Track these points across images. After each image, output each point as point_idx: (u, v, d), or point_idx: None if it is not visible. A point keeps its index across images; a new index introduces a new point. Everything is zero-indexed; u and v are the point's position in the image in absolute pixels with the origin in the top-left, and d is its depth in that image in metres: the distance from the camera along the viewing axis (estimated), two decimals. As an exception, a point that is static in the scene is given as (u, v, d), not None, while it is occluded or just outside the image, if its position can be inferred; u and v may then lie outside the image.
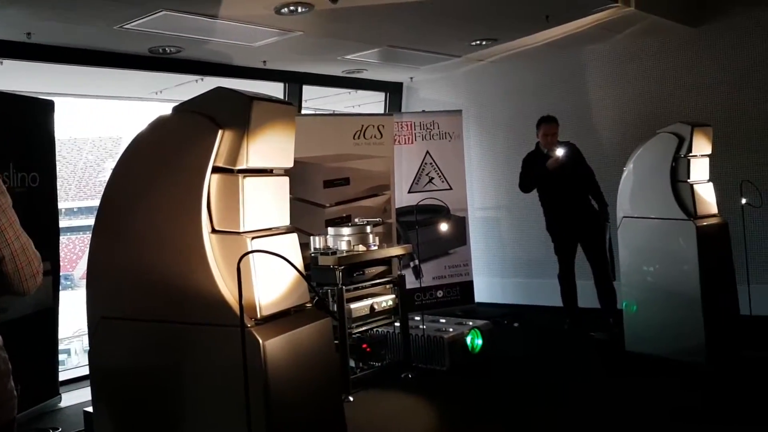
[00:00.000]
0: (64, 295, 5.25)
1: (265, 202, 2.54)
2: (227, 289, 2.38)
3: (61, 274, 5.14)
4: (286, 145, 2.61)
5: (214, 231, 2.47)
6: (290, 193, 2.73)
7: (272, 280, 2.46)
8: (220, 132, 2.45)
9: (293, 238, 2.66)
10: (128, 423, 2.60)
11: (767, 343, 5.16)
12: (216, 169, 2.48)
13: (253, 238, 2.45)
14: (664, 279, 5.05)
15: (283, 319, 2.51)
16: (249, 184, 2.46)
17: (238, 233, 2.45)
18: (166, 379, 2.51)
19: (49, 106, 4.86)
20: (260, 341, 2.31)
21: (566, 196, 5.91)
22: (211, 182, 2.46)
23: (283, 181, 2.65)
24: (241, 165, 2.46)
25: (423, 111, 7.57)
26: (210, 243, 2.43)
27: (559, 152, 5.75)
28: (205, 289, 2.41)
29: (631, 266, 5.27)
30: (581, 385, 4.87)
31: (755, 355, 4.96)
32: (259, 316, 2.40)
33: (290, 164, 2.66)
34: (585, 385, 4.85)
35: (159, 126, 2.70)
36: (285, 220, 2.67)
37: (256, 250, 2.28)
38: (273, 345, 2.34)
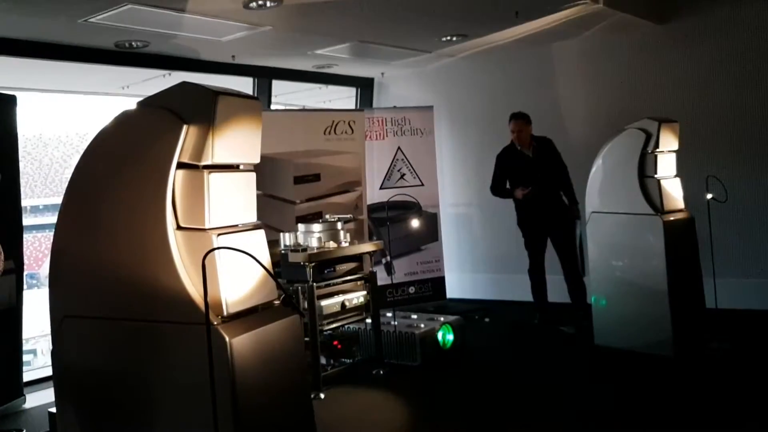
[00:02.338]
0: (30, 294, 5.14)
1: (231, 198, 2.51)
2: (193, 287, 2.35)
3: (26, 273, 5.03)
4: (252, 141, 2.57)
5: (179, 228, 2.43)
6: (260, 189, 2.70)
7: (239, 278, 2.43)
8: (185, 127, 2.41)
9: (260, 234, 2.63)
10: (93, 424, 2.55)
11: (732, 335, 5.26)
12: (181, 165, 2.44)
13: (218, 234, 2.42)
14: (632, 273, 5.12)
15: (250, 316, 2.48)
16: (214, 179, 2.43)
17: (204, 230, 2.41)
18: (131, 378, 2.46)
19: (11, 100, 4.75)
20: (227, 339, 2.28)
21: (538, 192, 5.95)
22: (176, 178, 2.42)
23: (249, 177, 2.62)
24: (207, 160, 2.43)
25: (394, 107, 7.55)
26: (175, 240, 2.39)
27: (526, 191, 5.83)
28: (170, 286, 2.37)
29: (599, 261, 5.32)
30: (551, 378, 4.91)
31: (720, 347, 5.05)
32: (225, 313, 2.37)
33: (257, 160, 2.63)
34: (555, 379, 4.89)
35: (123, 121, 2.65)
36: (252, 217, 2.64)
37: (222, 247, 2.25)
38: (240, 343, 2.31)
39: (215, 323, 2.29)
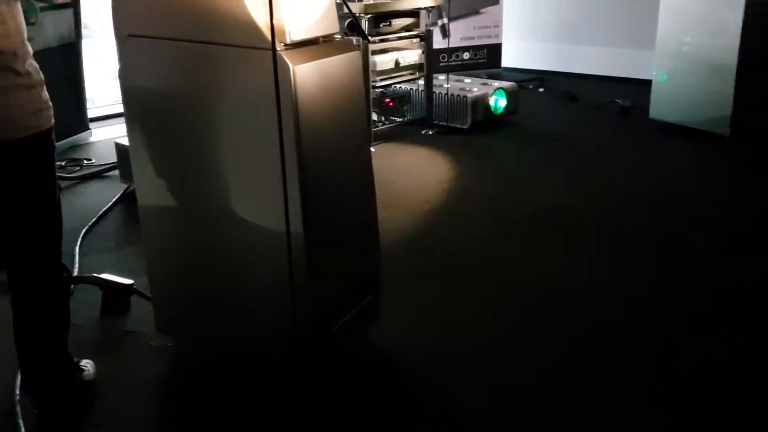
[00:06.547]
0: (85, 44, 5.12)
1: None
2: (256, 11, 2.30)
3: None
4: None
5: (240, -53, 2.32)
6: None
7: (300, 4, 2.37)
8: None
9: (324, -39, 2.51)
10: (160, 147, 2.66)
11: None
12: None
13: (281, -45, 2.31)
14: (701, 48, 4.87)
15: (312, 47, 2.44)
16: None
17: (266, -51, 2.30)
18: (196, 101, 2.52)
19: None
20: (290, 66, 2.27)
21: None
22: None
23: None
24: None
25: None
26: (237, -40, 2.30)
27: None
28: (232, 9, 2.32)
29: (667, 34, 5.07)
30: (600, 146, 4.95)
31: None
32: (288, 41, 2.33)
33: None
34: (604, 147, 4.93)
35: None
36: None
37: (287, -37, 2.17)
38: (303, 70, 2.30)
39: (279, 49, 2.27)
